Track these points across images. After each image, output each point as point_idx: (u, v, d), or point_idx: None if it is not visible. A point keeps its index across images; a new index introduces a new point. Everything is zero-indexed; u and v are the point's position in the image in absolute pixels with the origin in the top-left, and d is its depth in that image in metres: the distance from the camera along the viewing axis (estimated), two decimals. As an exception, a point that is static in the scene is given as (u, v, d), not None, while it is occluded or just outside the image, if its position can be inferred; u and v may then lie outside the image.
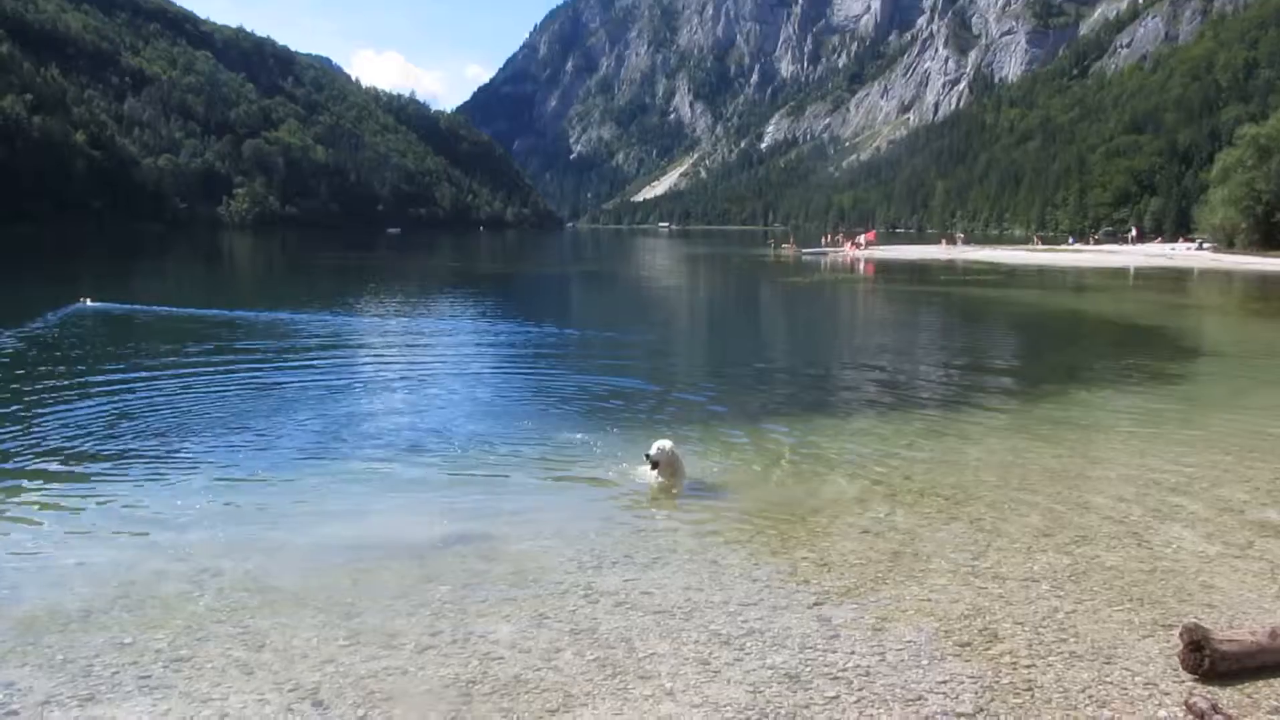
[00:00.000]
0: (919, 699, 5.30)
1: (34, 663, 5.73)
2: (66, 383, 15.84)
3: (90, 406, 13.89)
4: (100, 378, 16.37)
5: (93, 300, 29.72)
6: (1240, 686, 5.44)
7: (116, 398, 14.61)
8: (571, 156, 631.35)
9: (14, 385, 15.68)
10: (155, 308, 30.36)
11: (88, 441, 11.69)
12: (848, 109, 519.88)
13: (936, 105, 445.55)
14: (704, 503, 9.23)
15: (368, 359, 20.80)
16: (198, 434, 12.26)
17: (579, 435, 12.61)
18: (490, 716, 5.10)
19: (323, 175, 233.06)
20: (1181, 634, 5.68)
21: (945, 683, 5.49)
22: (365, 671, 5.64)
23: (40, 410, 13.52)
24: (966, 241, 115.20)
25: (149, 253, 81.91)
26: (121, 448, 11.42)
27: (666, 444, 9.72)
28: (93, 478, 10.10)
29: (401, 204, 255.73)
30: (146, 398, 14.71)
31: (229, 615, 6.48)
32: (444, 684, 5.49)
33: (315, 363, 19.12)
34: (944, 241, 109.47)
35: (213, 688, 5.43)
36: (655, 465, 9.61)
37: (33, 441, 11.60)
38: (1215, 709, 5.00)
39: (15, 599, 6.73)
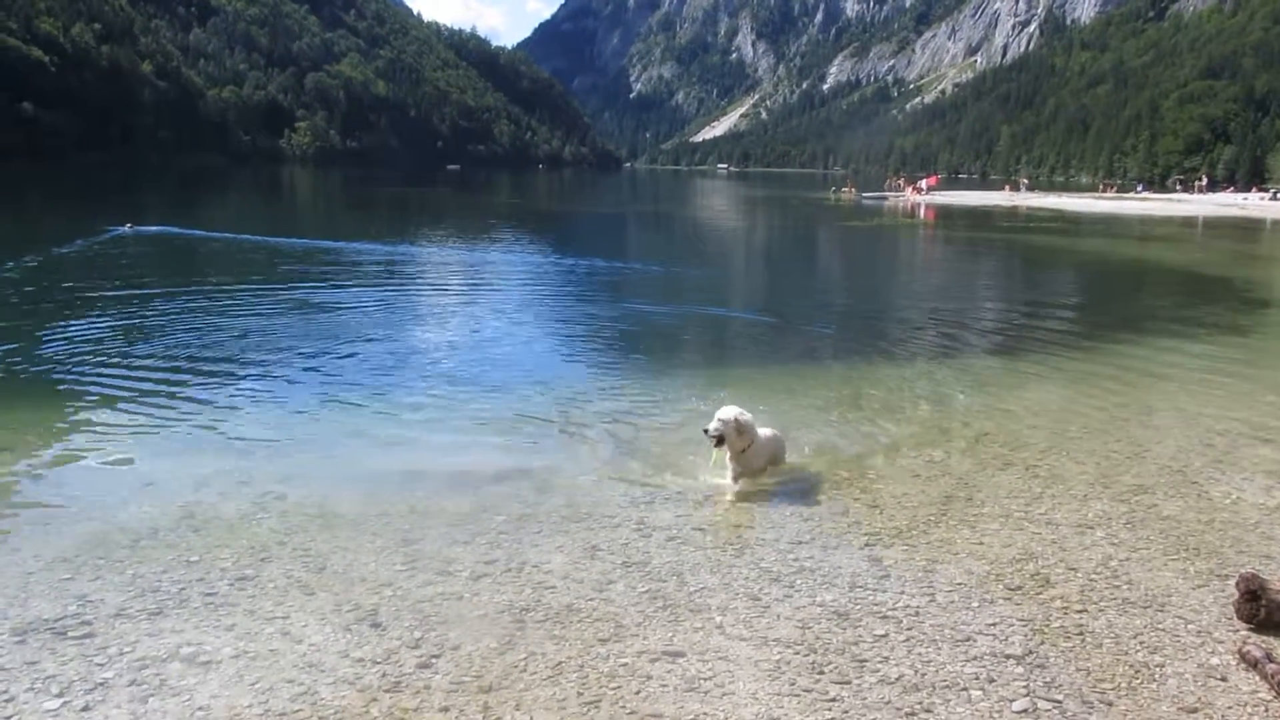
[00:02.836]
0: (968, 640, 5.31)
1: (106, 577, 5.93)
2: (129, 306, 16.19)
3: (151, 331, 14.21)
4: (163, 303, 16.70)
5: (134, 225, 30.19)
6: (1295, 638, 5.39)
7: (177, 322, 14.93)
8: (631, 96, 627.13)
9: (77, 305, 16.07)
10: (222, 234, 30.88)
11: (150, 366, 11.99)
12: (913, 50, 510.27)
13: (1005, 48, 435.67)
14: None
15: (427, 292, 21.03)
16: (258, 362, 12.50)
17: (635, 372, 12.69)
18: (543, 643, 5.20)
19: (383, 110, 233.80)
20: (1238, 583, 5.63)
21: (995, 625, 5.50)
22: (421, 596, 5.78)
23: (102, 333, 13.86)
24: (1031, 188, 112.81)
25: (214, 184, 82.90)
26: (183, 373, 11.68)
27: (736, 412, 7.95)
28: (155, 402, 10.34)
29: (460, 140, 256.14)
30: (208, 322, 15.01)
31: (290, 538, 6.66)
32: (498, 610, 5.60)
33: (376, 293, 19.34)
34: (1008, 188, 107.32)
35: (275, 606, 5.59)
36: (720, 441, 7.88)
37: (98, 364, 11.90)
38: (1270, 658, 4.96)
39: (87, 516, 6.96)
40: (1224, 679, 4.96)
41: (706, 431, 7.85)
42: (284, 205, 64.13)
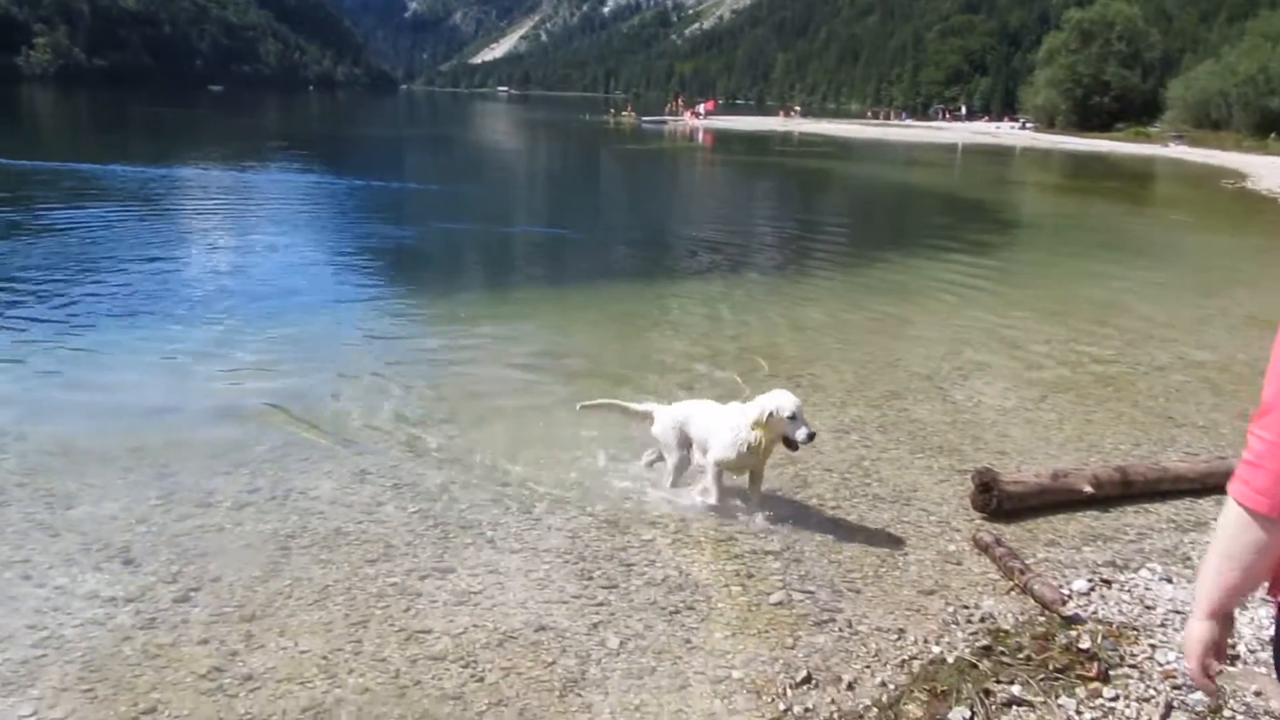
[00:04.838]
0: (730, 539, 5.56)
1: None
2: None
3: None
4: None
5: None
6: (1023, 523, 5.92)
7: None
8: (406, 15, 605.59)
9: None
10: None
11: None
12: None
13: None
14: (529, 362, 9.25)
15: (187, 216, 19.80)
16: (-4, 295, 11.52)
17: (409, 294, 12.47)
18: (309, 568, 5.09)
19: (133, 25, 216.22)
20: (973, 477, 6.11)
21: (722, 526, 5.79)
22: (179, 530, 5.53)
23: None
24: (804, 114, 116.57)
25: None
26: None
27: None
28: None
29: (223, 60, 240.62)
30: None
31: (31, 478, 6.20)
32: (262, 539, 5.44)
33: (128, 219, 18.02)
34: (782, 114, 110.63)
35: (14, 550, 5.22)
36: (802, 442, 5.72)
37: None
38: (998, 542, 5.41)
39: None
40: (959, 563, 5.39)
41: (814, 437, 5.83)
42: (23, 127, 58.87)
